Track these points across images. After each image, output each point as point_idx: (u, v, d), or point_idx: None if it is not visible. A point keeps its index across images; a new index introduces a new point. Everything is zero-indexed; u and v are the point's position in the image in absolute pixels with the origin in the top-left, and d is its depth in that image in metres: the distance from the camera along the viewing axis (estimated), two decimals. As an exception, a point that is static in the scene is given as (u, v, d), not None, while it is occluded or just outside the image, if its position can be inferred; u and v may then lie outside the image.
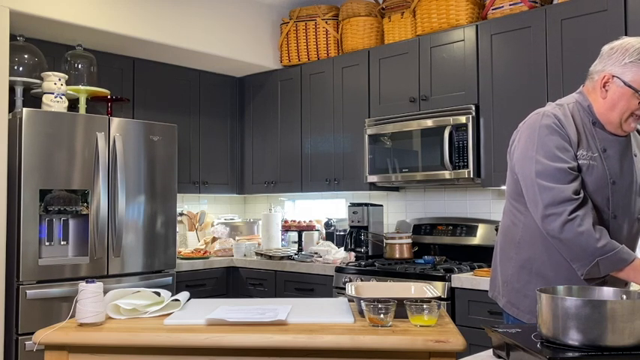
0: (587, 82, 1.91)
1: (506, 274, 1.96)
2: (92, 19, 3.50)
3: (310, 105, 4.24)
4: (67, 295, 3.20)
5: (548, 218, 1.76)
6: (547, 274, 1.85)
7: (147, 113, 4.11)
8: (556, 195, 1.74)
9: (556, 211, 1.74)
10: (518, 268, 1.92)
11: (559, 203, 1.74)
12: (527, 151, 1.84)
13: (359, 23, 4.04)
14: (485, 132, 3.31)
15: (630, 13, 2.82)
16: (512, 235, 1.96)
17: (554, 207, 1.74)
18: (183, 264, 3.93)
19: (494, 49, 3.30)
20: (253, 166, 4.61)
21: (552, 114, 1.84)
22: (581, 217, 1.72)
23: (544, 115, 1.85)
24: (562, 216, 1.73)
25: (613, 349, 1.21)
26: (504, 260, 1.98)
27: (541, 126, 1.82)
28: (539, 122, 1.84)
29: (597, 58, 1.89)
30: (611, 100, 1.82)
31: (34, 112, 3.18)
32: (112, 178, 3.44)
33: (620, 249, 1.72)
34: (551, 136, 1.80)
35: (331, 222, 4.24)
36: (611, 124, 1.85)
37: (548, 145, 1.79)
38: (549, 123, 1.81)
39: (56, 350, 1.77)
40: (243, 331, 1.71)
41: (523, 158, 1.85)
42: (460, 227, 3.68)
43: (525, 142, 1.86)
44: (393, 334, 1.67)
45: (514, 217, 1.95)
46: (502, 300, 1.97)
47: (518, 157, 1.89)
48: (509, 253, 1.96)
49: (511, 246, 1.95)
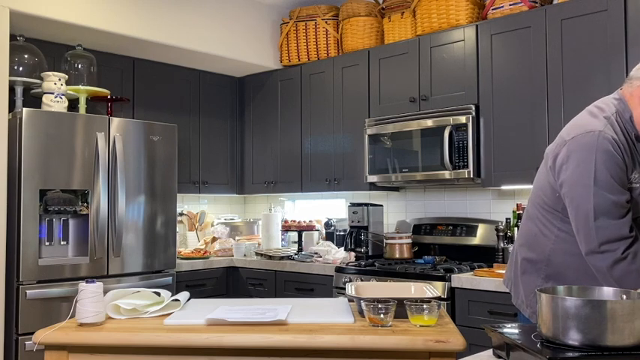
0: (626, 86, 1.81)
1: (532, 284, 1.91)
2: (92, 19, 3.50)
3: (310, 105, 4.24)
4: (67, 295, 3.20)
5: (602, 255, 1.70)
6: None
7: (147, 113, 4.11)
8: (612, 233, 1.69)
9: (610, 249, 1.70)
10: (547, 280, 1.88)
11: (614, 241, 1.69)
12: (582, 178, 1.73)
13: (359, 23, 4.04)
14: (485, 132, 3.31)
15: (630, 13, 2.82)
16: (541, 245, 1.90)
17: (609, 244, 1.70)
18: (183, 264, 3.93)
19: (494, 49, 3.30)
20: (253, 166, 4.61)
21: (610, 137, 1.72)
22: (632, 254, 1.69)
23: (602, 137, 1.72)
24: (615, 253, 1.69)
25: (613, 349, 1.21)
26: (530, 270, 1.92)
27: (599, 150, 1.71)
28: (597, 145, 1.71)
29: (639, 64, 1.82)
30: None
31: (34, 112, 3.18)
32: (112, 178, 3.44)
33: None
34: (609, 163, 1.70)
35: (331, 222, 4.24)
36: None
37: (607, 175, 1.70)
38: (608, 149, 1.70)
39: (56, 350, 1.77)
40: (243, 331, 1.71)
41: (577, 185, 1.75)
42: (460, 227, 3.68)
43: (580, 167, 1.74)
44: (393, 334, 1.67)
45: (544, 228, 1.89)
46: (527, 311, 1.93)
47: (570, 182, 1.77)
48: (537, 264, 1.90)
49: (540, 257, 1.90)
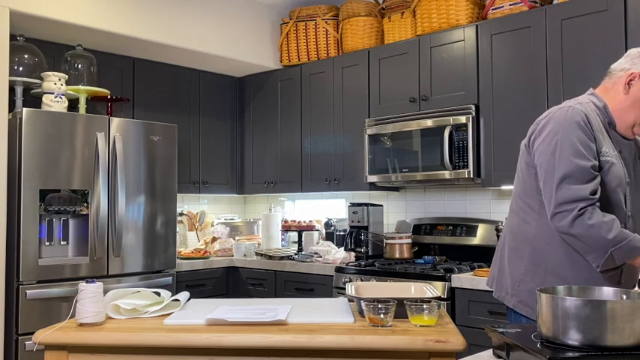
0: (606, 79, 1.93)
1: (518, 273, 1.92)
2: (92, 19, 3.50)
3: (310, 105, 4.24)
4: (67, 295, 3.20)
5: (558, 215, 1.75)
6: (564, 272, 1.83)
7: (147, 113, 4.11)
8: (572, 194, 1.73)
9: (567, 208, 1.73)
10: (532, 267, 1.89)
11: (572, 201, 1.73)
12: (550, 145, 1.81)
13: (359, 23, 4.04)
14: (485, 132, 3.31)
15: (630, 13, 2.82)
16: (524, 233, 1.92)
17: (566, 204, 1.74)
18: (183, 264, 3.93)
19: (494, 49, 3.30)
20: (253, 166, 4.61)
21: (580, 110, 1.82)
22: (590, 211, 1.72)
23: (572, 110, 1.82)
24: (572, 212, 1.73)
25: (613, 349, 1.21)
26: (515, 259, 1.94)
27: (568, 121, 1.80)
28: (567, 116, 1.81)
29: (622, 58, 1.91)
30: (632, 97, 1.85)
31: (34, 112, 3.18)
32: (112, 178, 3.44)
33: (632, 237, 1.72)
34: (577, 131, 1.78)
35: (331, 222, 4.24)
36: (624, 123, 1.87)
37: (573, 141, 1.77)
38: (577, 119, 1.79)
39: (56, 350, 1.77)
40: (243, 331, 1.71)
41: (545, 153, 1.83)
42: (460, 227, 3.68)
43: (551, 136, 1.82)
44: (393, 334, 1.67)
45: (525, 215, 1.92)
46: (512, 300, 1.93)
47: (540, 151, 1.85)
48: (522, 252, 1.92)
49: (523, 245, 1.91)
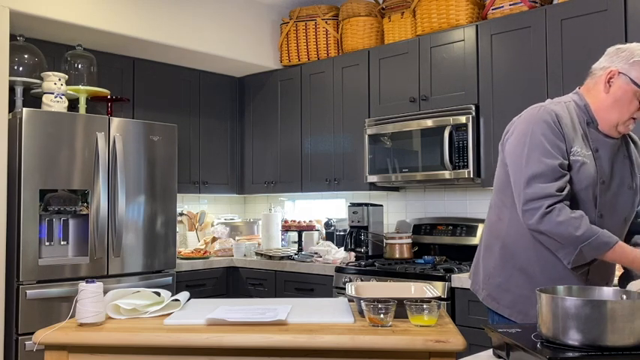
0: (588, 79, 1.93)
1: (488, 267, 1.97)
2: (92, 19, 3.50)
3: (310, 105, 4.24)
4: (67, 295, 3.20)
5: (527, 213, 1.78)
6: (531, 270, 1.86)
7: (147, 113, 4.11)
8: (540, 191, 1.76)
9: (535, 206, 1.76)
10: (501, 263, 1.93)
11: (540, 198, 1.75)
12: (519, 144, 1.84)
13: (359, 23, 4.04)
14: (485, 132, 3.31)
15: (630, 13, 2.82)
16: (497, 230, 1.96)
17: (534, 202, 1.76)
18: (183, 264, 3.93)
19: (494, 49, 3.30)
20: (253, 166, 4.61)
21: (551, 109, 1.84)
22: (558, 208, 1.74)
23: (543, 109, 1.85)
24: (540, 210, 1.75)
25: (613, 349, 1.21)
26: (487, 254, 1.99)
27: (537, 120, 1.83)
28: (537, 116, 1.84)
29: (602, 57, 1.91)
30: (614, 96, 1.84)
31: (34, 112, 3.18)
32: (112, 178, 3.44)
33: (601, 233, 1.73)
34: (546, 131, 1.80)
35: (331, 222, 4.24)
36: (608, 122, 1.86)
37: (542, 140, 1.80)
38: (547, 119, 1.82)
39: (56, 350, 1.77)
40: (243, 331, 1.71)
41: (514, 151, 1.86)
42: (460, 227, 3.68)
43: (520, 135, 1.86)
44: (392, 334, 1.67)
45: (500, 212, 1.96)
46: (482, 293, 1.98)
47: (510, 150, 1.89)
48: (494, 247, 1.96)
49: (497, 240, 1.95)
